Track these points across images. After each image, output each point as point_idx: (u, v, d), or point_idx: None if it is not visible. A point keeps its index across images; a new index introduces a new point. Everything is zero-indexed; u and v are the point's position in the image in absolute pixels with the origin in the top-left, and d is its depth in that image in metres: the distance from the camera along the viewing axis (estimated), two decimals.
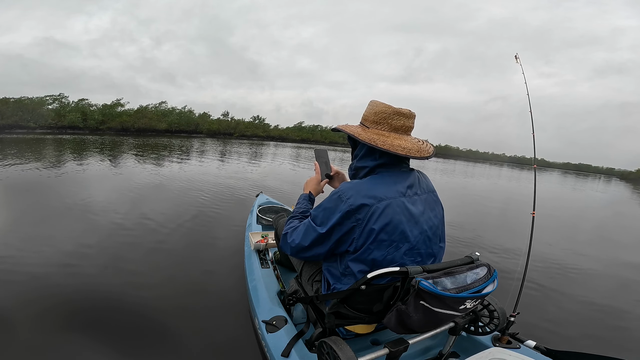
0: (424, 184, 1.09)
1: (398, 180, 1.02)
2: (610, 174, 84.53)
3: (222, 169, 8.17)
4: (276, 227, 1.60)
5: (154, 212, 3.57)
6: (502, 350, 1.06)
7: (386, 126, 1.03)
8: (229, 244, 2.75)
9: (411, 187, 1.03)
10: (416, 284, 0.85)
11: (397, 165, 1.06)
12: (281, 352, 1.12)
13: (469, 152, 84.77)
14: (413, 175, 1.07)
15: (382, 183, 1.00)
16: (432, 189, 1.11)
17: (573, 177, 30.65)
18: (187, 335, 1.55)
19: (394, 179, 1.02)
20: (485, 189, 10.73)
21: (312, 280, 1.26)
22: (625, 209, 10.12)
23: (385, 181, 1.00)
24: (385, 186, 0.99)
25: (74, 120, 26.40)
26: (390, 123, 1.03)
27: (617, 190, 19.01)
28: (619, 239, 5.06)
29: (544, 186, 14.20)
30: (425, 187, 1.09)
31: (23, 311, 1.63)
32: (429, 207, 1.06)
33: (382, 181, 1.00)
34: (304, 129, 52.38)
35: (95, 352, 1.40)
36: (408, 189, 1.02)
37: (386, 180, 1.01)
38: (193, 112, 40.74)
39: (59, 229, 2.83)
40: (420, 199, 1.04)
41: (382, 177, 1.02)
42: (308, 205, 1.27)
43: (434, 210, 1.08)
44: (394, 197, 0.98)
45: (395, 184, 1.00)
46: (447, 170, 17.75)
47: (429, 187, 1.10)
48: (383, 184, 0.99)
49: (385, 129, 1.03)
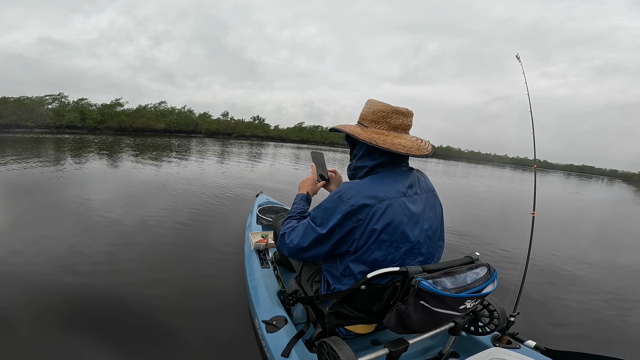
0: (424, 183, 1.09)
1: (398, 179, 1.02)
2: (613, 175, 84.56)
3: (221, 169, 8.17)
4: (275, 228, 1.60)
5: (153, 212, 3.56)
6: (502, 350, 1.07)
7: (385, 125, 1.03)
8: (229, 244, 2.75)
9: (411, 186, 1.03)
10: (416, 284, 0.85)
11: (397, 164, 1.05)
12: (281, 352, 1.12)
13: (471, 153, 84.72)
14: (413, 175, 1.07)
15: (383, 183, 0.99)
16: (431, 188, 1.11)
17: (576, 179, 30.60)
18: (187, 335, 1.55)
19: (394, 179, 1.01)
20: (486, 190, 10.75)
21: (312, 280, 1.26)
22: (625, 211, 10.15)
23: (385, 181, 1.00)
24: (386, 186, 0.99)
25: (72, 119, 26.40)
26: (389, 122, 1.03)
27: (618, 192, 19.03)
28: (619, 240, 5.07)
29: (546, 188, 14.21)
30: (425, 187, 1.09)
31: (23, 311, 1.63)
32: (429, 206, 1.06)
33: (383, 181, 1.00)
34: (304, 130, 52.37)
35: (95, 352, 1.40)
36: (408, 188, 1.02)
37: (386, 180, 1.00)
38: (193, 112, 40.77)
39: (58, 228, 2.82)
40: (420, 198, 1.04)
41: (382, 177, 1.02)
42: (305, 205, 1.26)
43: (434, 209, 1.08)
44: (395, 197, 0.97)
45: (395, 184, 1.00)
46: (449, 172, 17.75)
47: (428, 187, 1.10)
48: (384, 184, 0.99)
49: (384, 127, 1.03)
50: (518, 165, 52.33)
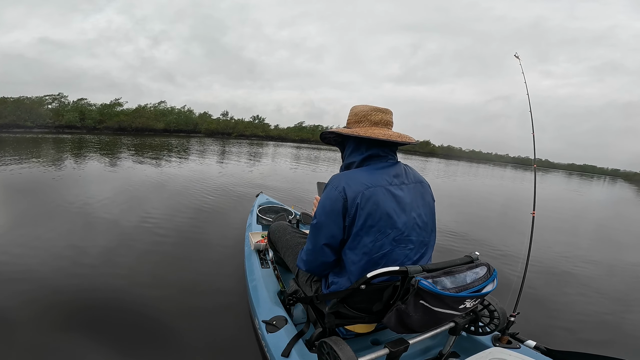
0: (411, 175, 1.13)
1: (385, 170, 1.07)
2: (615, 175, 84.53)
3: (221, 169, 8.17)
4: (269, 231, 1.61)
5: (152, 212, 3.56)
6: (502, 350, 1.07)
7: (367, 122, 1.12)
8: (229, 244, 2.75)
9: (397, 176, 1.08)
10: (416, 284, 0.85)
11: (383, 157, 1.11)
12: (281, 352, 1.12)
13: (472, 153, 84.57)
14: (399, 167, 1.12)
15: (369, 173, 1.05)
16: (420, 180, 1.15)
17: (577, 179, 30.54)
18: (187, 335, 1.55)
19: (381, 170, 1.07)
20: (487, 189, 10.76)
21: (311, 281, 1.26)
22: (626, 210, 10.16)
23: (372, 171, 1.06)
24: (372, 175, 1.04)
25: (71, 119, 26.39)
26: (370, 119, 1.11)
27: (619, 192, 19.03)
28: (620, 240, 5.07)
29: (547, 188, 14.20)
30: (413, 178, 1.13)
31: (23, 311, 1.62)
32: (417, 196, 1.09)
33: (369, 171, 1.06)
34: (304, 129, 52.31)
35: (95, 352, 1.40)
36: (394, 177, 1.07)
37: (373, 171, 1.06)
38: (193, 111, 40.73)
39: (57, 228, 2.82)
40: (407, 187, 1.08)
41: (369, 168, 1.08)
42: None
43: (424, 199, 1.11)
44: (380, 185, 1.02)
45: (382, 174, 1.05)
46: (450, 171, 17.75)
47: (416, 178, 1.14)
48: (370, 174, 1.04)
49: (366, 125, 1.12)
50: (519, 164, 52.30)
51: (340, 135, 1.16)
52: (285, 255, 1.45)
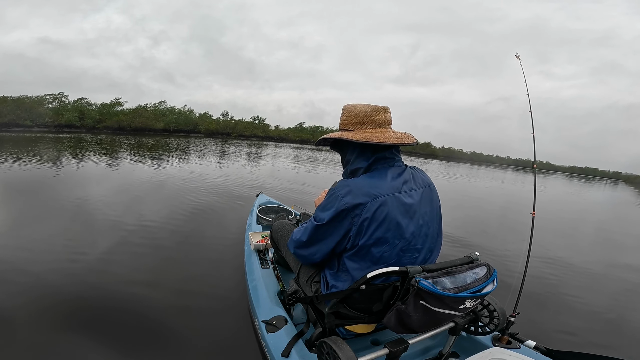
0: (420, 179, 1.09)
1: (393, 176, 1.03)
2: (616, 178, 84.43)
3: (221, 169, 8.16)
4: (271, 230, 1.60)
5: (152, 212, 3.56)
6: (502, 350, 1.07)
7: (370, 124, 1.06)
8: (229, 244, 2.74)
9: (406, 182, 1.04)
10: (416, 284, 0.85)
11: (390, 159, 1.06)
12: (281, 352, 1.12)
13: (473, 154, 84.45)
14: (407, 172, 1.08)
15: (378, 180, 1.00)
16: (428, 183, 1.11)
17: (578, 181, 30.48)
18: (187, 335, 1.55)
19: (390, 176, 1.02)
20: (487, 191, 10.76)
21: (311, 281, 1.26)
22: (626, 212, 10.16)
23: (381, 178, 1.01)
24: (381, 183, 0.99)
25: (70, 119, 26.39)
26: (373, 120, 1.06)
27: (620, 195, 19.02)
28: (620, 241, 5.07)
29: (548, 190, 14.19)
30: (421, 182, 1.09)
31: (23, 311, 1.62)
32: (425, 201, 1.06)
33: (378, 178, 1.01)
34: (304, 130, 52.26)
35: (95, 352, 1.39)
36: (404, 184, 1.02)
37: (382, 177, 1.01)
38: (193, 111, 40.71)
39: (56, 228, 2.82)
40: (417, 193, 1.04)
41: (378, 174, 1.02)
42: None
43: (431, 204, 1.08)
44: (389, 193, 0.98)
45: (391, 181, 1.01)
46: (451, 172, 17.74)
47: (424, 182, 1.10)
48: (379, 181, 1.00)
49: (370, 126, 1.06)
50: (520, 166, 52.28)
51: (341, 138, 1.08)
52: (287, 254, 1.45)
